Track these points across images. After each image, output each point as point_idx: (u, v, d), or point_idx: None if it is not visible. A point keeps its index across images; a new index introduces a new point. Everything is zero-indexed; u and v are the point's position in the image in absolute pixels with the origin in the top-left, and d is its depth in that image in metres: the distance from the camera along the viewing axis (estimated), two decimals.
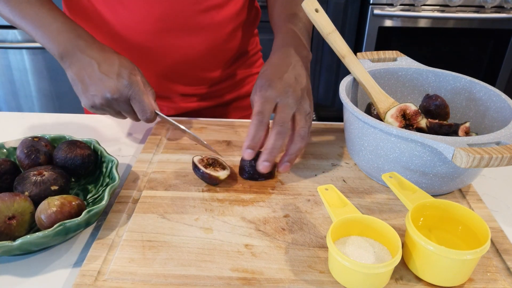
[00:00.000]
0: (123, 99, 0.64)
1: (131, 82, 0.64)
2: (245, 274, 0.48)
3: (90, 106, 0.65)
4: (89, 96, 0.64)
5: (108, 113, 0.67)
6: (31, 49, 1.95)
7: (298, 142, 0.61)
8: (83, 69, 0.64)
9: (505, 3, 1.94)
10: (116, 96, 0.63)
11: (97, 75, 0.63)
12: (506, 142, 0.52)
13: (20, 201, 0.52)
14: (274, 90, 0.61)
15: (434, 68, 0.72)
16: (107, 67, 0.64)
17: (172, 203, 0.59)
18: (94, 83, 0.63)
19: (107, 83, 0.63)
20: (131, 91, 0.64)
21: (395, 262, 0.44)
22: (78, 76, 0.64)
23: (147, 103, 0.65)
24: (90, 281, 0.47)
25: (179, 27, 0.78)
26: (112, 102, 0.64)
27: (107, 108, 0.65)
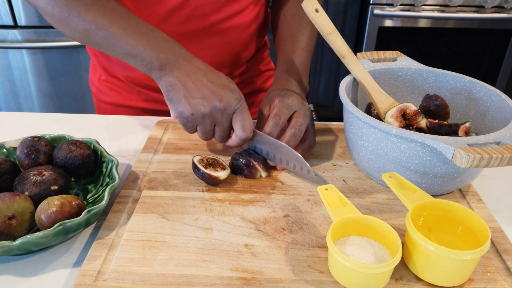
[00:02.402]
0: (230, 112, 0.61)
1: (241, 97, 0.62)
2: (245, 274, 0.48)
3: (191, 113, 0.60)
4: (192, 102, 0.60)
5: (203, 126, 0.63)
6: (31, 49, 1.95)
7: (305, 149, 0.68)
8: (188, 75, 0.61)
9: (505, 3, 1.94)
10: (225, 106, 0.60)
11: (204, 83, 0.61)
12: (506, 142, 0.52)
13: (20, 201, 0.52)
14: (294, 99, 0.66)
15: (434, 68, 0.72)
16: (216, 78, 0.62)
17: (172, 203, 0.59)
18: (200, 90, 0.60)
19: (218, 92, 0.60)
20: (239, 105, 0.61)
21: (395, 262, 0.44)
22: (181, 81, 0.61)
23: (250, 120, 0.63)
24: (90, 281, 0.47)
25: (199, 31, 0.79)
26: (217, 112, 0.61)
27: (207, 119, 0.61)
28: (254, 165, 0.64)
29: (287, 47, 0.79)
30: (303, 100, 0.68)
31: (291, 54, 0.77)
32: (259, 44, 0.93)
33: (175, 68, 0.61)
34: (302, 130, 0.64)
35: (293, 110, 0.66)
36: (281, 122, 0.64)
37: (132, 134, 0.79)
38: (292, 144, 0.64)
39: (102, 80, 0.92)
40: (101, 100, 0.94)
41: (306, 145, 0.67)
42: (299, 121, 0.65)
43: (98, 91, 0.94)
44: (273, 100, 0.67)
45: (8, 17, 1.88)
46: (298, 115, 0.65)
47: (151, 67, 0.62)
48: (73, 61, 1.96)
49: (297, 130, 0.64)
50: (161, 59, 0.62)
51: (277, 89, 0.69)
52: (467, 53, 2.12)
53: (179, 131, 0.78)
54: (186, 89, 0.60)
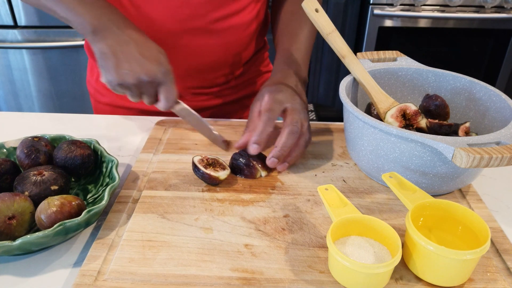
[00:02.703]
0: (155, 84, 0.64)
1: (167, 70, 0.64)
2: (245, 274, 0.48)
3: (117, 83, 0.63)
4: (121, 72, 0.63)
5: (129, 92, 0.66)
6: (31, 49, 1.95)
7: (302, 146, 0.66)
8: (119, 45, 0.63)
9: (505, 3, 1.94)
10: (151, 79, 0.63)
11: (134, 55, 0.63)
12: (506, 142, 0.52)
13: (20, 201, 0.52)
14: (284, 94, 0.66)
15: (434, 68, 0.72)
16: (146, 51, 0.64)
17: (172, 203, 0.59)
18: (129, 62, 0.62)
19: (146, 65, 0.62)
20: (165, 78, 0.64)
21: (395, 262, 0.44)
22: (112, 50, 0.63)
23: (174, 92, 0.66)
24: (90, 281, 0.47)
25: (199, 30, 0.79)
26: (143, 84, 0.64)
27: (134, 88, 0.64)
28: (254, 164, 0.64)
29: (286, 41, 0.79)
30: (295, 95, 0.67)
31: (290, 47, 0.77)
32: (259, 44, 0.93)
33: (107, 36, 0.64)
34: (299, 126, 0.64)
35: (284, 105, 0.65)
36: (274, 116, 0.64)
37: (132, 134, 0.79)
38: (290, 141, 0.63)
39: (99, 81, 0.92)
40: (98, 101, 0.94)
41: (302, 141, 0.66)
42: (294, 118, 0.64)
43: (95, 92, 0.94)
44: (263, 96, 0.67)
45: (8, 17, 1.88)
46: (292, 111, 0.65)
47: (85, 32, 0.65)
48: (73, 61, 1.96)
49: (294, 127, 0.63)
50: (93, 25, 0.64)
51: (270, 84, 0.69)
52: (467, 53, 2.12)
53: (179, 131, 0.78)
54: (116, 59, 0.63)
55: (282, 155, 0.63)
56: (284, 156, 0.64)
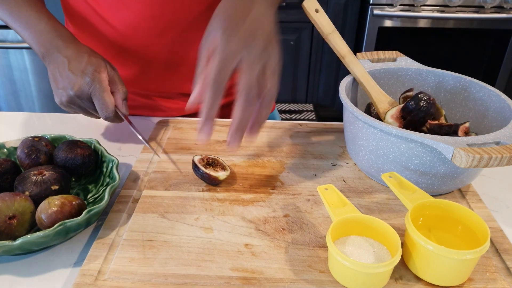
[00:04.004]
0: (85, 97, 0.64)
1: (93, 79, 0.64)
2: (245, 274, 0.49)
3: (59, 103, 0.66)
4: (57, 93, 0.65)
5: (77, 111, 0.68)
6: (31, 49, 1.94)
7: (265, 107, 0.52)
8: (57, 67, 0.66)
9: (505, 3, 1.94)
10: (78, 93, 0.64)
11: (65, 73, 0.65)
12: (506, 142, 0.52)
13: (21, 201, 0.52)
14: (237, 38, 0.50)
15: (434, 68, 0.72)
16: (75, 65, 0.65)
17: (172, 203, 0.59)
18: (62, 80, 0.65)
19: (72, 80, 0.64)
20: (91, 89, 0.64)
21: (394, 262, 0.45)
22: (52, 73, 0.66)
23: (106, 101, 0.65)
24: (91, 280, 0.47)
25: (180, 26, 0.78)
26: (75, 99, 0.65)
27: (73, 106, 0.66)
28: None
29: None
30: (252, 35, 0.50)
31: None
32: None
33: (50, 61, 0.67)
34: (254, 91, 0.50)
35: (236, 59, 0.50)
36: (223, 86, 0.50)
37: (133, 134, 0.79)
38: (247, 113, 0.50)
39: None
40: None
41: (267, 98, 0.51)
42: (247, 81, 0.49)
43: None
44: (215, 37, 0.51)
45: None
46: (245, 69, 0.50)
47: (41, 59, 0.70)
48: None
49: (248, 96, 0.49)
50: (41, 52, 0.69)
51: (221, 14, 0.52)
52: (467, 53, 2.12)
53: (179, 131, 0.78)
54: (55, 81, 0.66)
55: (241, 131, 0.51)
56: (244, 130, 0.51)
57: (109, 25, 0.78)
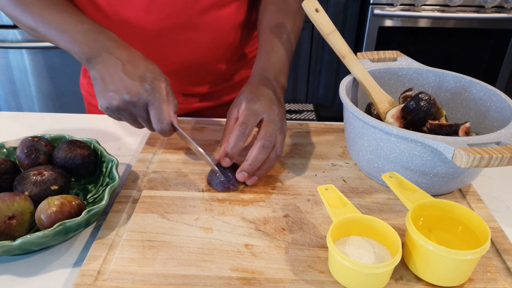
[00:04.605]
0: (141, 104, 0.60)
1: (153, 87, 0.60)
2: (245, 274, 0.48)
3: (106, 107, 0.61)
4: (107, 96, 0.60)
5: (124, 118, 0.63)
6: (31, 49, 1.95)
7: (273, 159, 0.62)
8: (107, 68, 0.61)
9: (505, 3, 1.94)
10: (135, 99, 0.59)
11: (119, 75, 0.60)
12: (506, 142, 0.52)
13: (20, 201, 0.52)
14: (261, 105, 0.62)
15: (434, 68, 0.72)
16: (132, 69, 0.60)
17: (172, 203, 0.59)
18: (114, 83, 0.60)
19: (128, 84, 0.59)
20: (151, 97, 0.59)
21: (395, 262, 0.44)
22: (100, 74, 0.61)
23: (165, 112, 0.60)
24: (90, 281, 0.47)
25: (179, 25, 0.78)
26: (129, 105, 0.60)
27: (123, 112, 0.61)
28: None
29: (266, 40, 0.74)
30: (273, 103, 0.63)
31: (270, 48, 0.73)
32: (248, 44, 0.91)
33: (98, 62, 0.62)
34: (272, 140, 0.60)
35: (260, 117, 0.62)
36: (248, 131, 0.60)
37: (132, 134, 0.79)
38: (262, 156, 0.60)
39: (91, 84, 0.92)
40: (91, 103, 0.94)
41: (273, 154, 0.62)
42: (268, 131, 0.60)
43: (88, 95, 0.94)
44: (241, 104, 0.64)
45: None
46: (267, 123, 0.61)
47: (82, 61, 0.64)
48: (73, 61, 1.96)
49: (267, 142, 0.60)
50: (87, 53, 0.63)
51: (247, 90, 0.65)
52: (467, 53, 2.12)
53: None
54: (103, 82, 0.60)
55: (252, 170, 0.61)
56: (254, 170, 0.61)
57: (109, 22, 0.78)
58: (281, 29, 0.75)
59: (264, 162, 0.61)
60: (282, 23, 0.75)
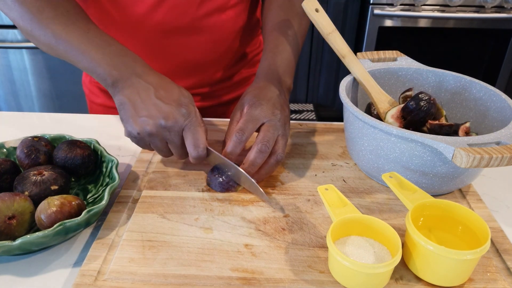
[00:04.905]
0: (177, 129, 0.58)
1: (190, 112, 0.58)
2: (245, 274, 0.48)
3: (137, 133, 0.58)
4: (138, 121, 0.58)
5: (153, 144, 0.60)
6: (31, 49, 1.95)
7: (273, 164, 0.62)
8: (137, 93, 0.58)
9: (505, 3, 1.94)
10: (171, 124, 0.57)
11: (152, 100, 0.58)
12: (506, 142, 0.52)
13: (20, 201, 0.52)
14: (263, 110, 0.61)
15: (434, 68, 0.72)
16: (165, 93, 0.59)
17: (172, 203, 0.59)
18: (147, 108, 0.57)
19: (164, 108, 0.57)
20: (187, 121, 0.58)
21: (395, 262, 0.44)
22: (130, 99, 0.58)
23: (202, 137, 0.60)
24: (90, 281, 0.47)
25: (182, 28, 0.78)
26: (163, 131, 0.58)
27: (155, 138, 0.59)
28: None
29: (271, 41, 0.73)
30: (276, 108, 0.62)
31: (275, 50, 0.72)
32: (251, 43, 0.92)
33: (126, 86, 0.59)
34: (269, 145, 0.59)
35: (260, 122, 0.61)
36: (245, 138, 0.60)
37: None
38: (259, 160, 0.59)
39: (93, 82, 0.93)
40: (93, 101, 0.95)
41: (273, 159, 0.61)
42: (266, 136, 0.59)
43: (90, 93, 0.94)
44: (242, 107, 0.63)
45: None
46: (267, 128, 0.60)
47: (106, 84, 0.61)
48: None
49: (263, 146, 0.59)
50: (113, 76, 0.60)
51: (251, 93, 0.64)
52: (467, 53, 2.12)
53: None
54: (134, 107, 0.58)
55: (249, 173, 0.60)
56: (252, 173, 0.60)
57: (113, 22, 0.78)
58: (287, 30, 0.74)
59: (263, 166, 0.61)
60: (287, 24, 0.75)
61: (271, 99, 0.64)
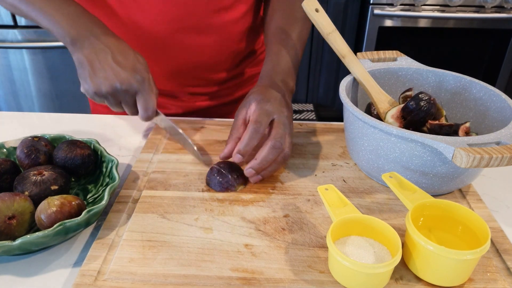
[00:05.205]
0: (131, 93, 0.63)
1: (144, 78, 0.63)
2: (245, 274, 0.48)
3: (93, 92, 0.63)
4: (96, 81, 0.62)
5: (108, 102, 0.65)
6: (31, 49, 1.94)
7: (280, 162, 0.63)
8: (95, 54, 0.63)
9: (505, 3, 1.94)
10: (125, 87, 0.62)
11: (109, 63, 0.62)
12: (506, 142, 0.52)
13: (20, 201, 0.52)
14: (272, 105, 0.63)
15: (434, 68, 0.72)
16: (122, 58, 0.63)
17: (172, 203, 0.59)
18: (104, 70, 0.62)
19: (120, 73, 0.62)
20: (141, 87, 0.63)
21: (395, 262, 0.44)
22: (88, 59, 0.63)
23: (152, 102, 0.64)
24: (90, 281, 0.47)
25: (190, 27, 0.79)
26: (118, 93, 0.63)
27: (110, 97, 0.64)
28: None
29: (275, 44, 0.76)
30: (283, 106, 0.65)
31: (278, 52, 0.74)
32: (256, 44, 0.92)
33: (85, 46, 0.64)
34: (282, 142, 0.61)
35: (272, 116, 0.63)
36: (262, 129, 0.61)
37: (132, 134, 0.79)
38: (272, 156, 0.61)
39: None
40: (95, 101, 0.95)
41: (280, 157, 0.62)
42: (279, 132, 0.61)
43: None
44: (250, 104, 0.65)
45: (8, 17, 1.88)
46: (277, 124, 0.62)
47: (65, 42, 0.65)
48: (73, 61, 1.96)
49: (277, 142, 0.61)
50: (72, 35, 0.64)
51: (257, 92, 0.66)
52: (467, 53, 2.12)
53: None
54: (92, 68, 0.62)
55: (260, 168, 0.61)
56: (261, 169, 0.62)
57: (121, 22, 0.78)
58: (290, 35, 0.76)
59: (272, 163, 0.62)
60: (289, 28, 0.76)
61: (277, 97, 0.65)
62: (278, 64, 0.72)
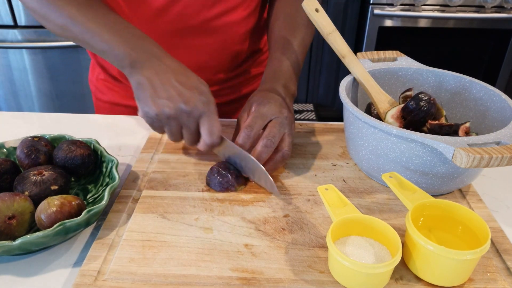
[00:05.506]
0: (195, 115, 0.59)
1: (209, 100, 0.60)
2: (245, 274, 0.48)
3: (155, 114, 0.59)
4: (158, 102, 0.58)
5: (168, 127, 0.61)
6: (31, 49, 1.94)
7: (278, 161, 0.63)
8: (157, 74, 0.60)
9: (505, 3, 1.94)
10: (190, 109, 0.58)
11: (172, 84, 0.59)
12: (506, 142, 0.52)
13: (20, 201, 0.52)
14: (271, 107, 0.63)
15: (434, 68, 0.72)
16: (185, 79, 0.60)
17: (172, 203, 0.59)
18: (167, 91, 0.58)
19: (184, 93, 0.58)
20: (206, 109, 0.59)
21: (395, 262, 0.44)
22: (149, 80, 0.59)
23: (218, 125, 0.60)
24: (90, 281, 0.47)
25: (193, 28, 0.79)
26: (182, 115, 0.59)
27: (172, 121, 0.60)
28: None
29: (277, 49, 0.76)
30: (283, 107, 0.64)
31: (281, 56, 0.74)
32: (258, 44, 0.93)
33: (145, 67, 0.61)
34: (275, 140, 0.61)
35: (268, 119, 0.62)
36: (253, 133, 0.61)
37: (132, 134, 0.79)
38: (264, 155, 0.60)
39: (100, 79, 0.93)
40: (99, 99, 0.95)
41: (279, 156, 0.62)
42: (272, 131, 0.61)
43: (96, 90, 0.95)
44: (250, 107, 0.65)
45: (8, 17, 1.88)
46: (273, 124, 0.62)
47: (123, 64, 0.62)
48: (73, 61, 1.96)
49: (269, 141, 0.60)
50: (132, 57, 0.61)
51: (258, 95, 0.66)
52: (467, 53, 2.12)
53: None
54: (153, 88, 0.59)
55: None
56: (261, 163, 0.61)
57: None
58: (293, 39, 0.76)
59: (268, 162, 0.62)
60: (292, 35, 0.76)
61: (278, 100, 0.65)
62: (280, 69, 0.72)
